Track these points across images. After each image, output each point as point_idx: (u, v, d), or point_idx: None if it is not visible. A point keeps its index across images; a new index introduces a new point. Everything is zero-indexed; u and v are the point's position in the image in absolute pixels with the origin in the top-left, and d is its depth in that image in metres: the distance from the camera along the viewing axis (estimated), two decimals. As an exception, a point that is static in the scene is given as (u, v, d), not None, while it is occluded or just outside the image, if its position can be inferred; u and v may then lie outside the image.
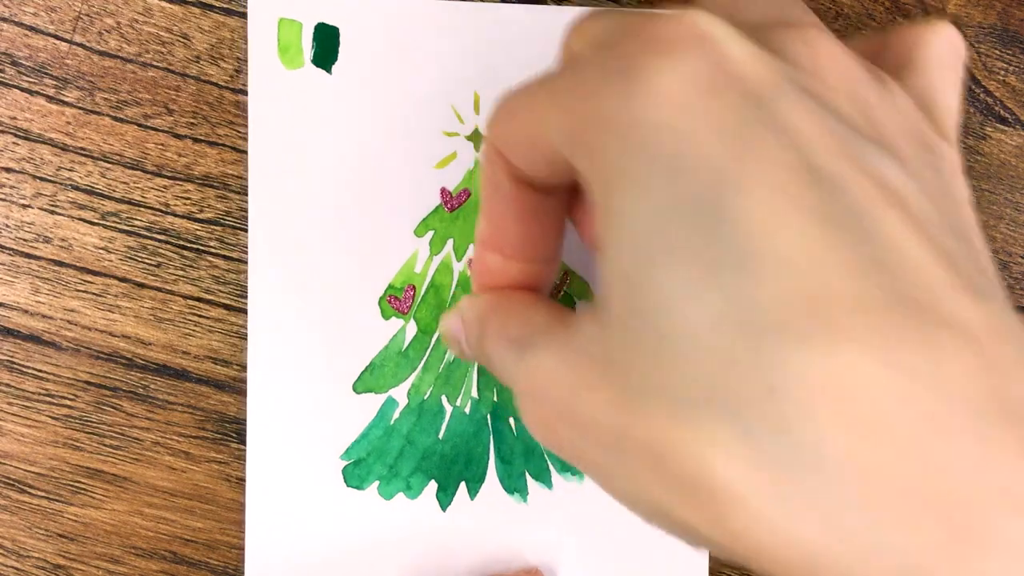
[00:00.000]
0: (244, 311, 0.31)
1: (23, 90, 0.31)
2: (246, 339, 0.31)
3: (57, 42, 0.31)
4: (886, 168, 0.17)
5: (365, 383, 0.31)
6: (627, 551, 0.32)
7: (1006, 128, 0.33)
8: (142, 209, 0.31)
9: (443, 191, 0.31)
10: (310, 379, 0.31)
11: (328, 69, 0.31)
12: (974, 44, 0.33)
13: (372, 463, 0.31)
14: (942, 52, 0.22)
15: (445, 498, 0.32)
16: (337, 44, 0.31)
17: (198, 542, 0.32)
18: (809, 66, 0.18)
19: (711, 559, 0.32)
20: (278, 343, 0.31)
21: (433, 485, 0.32)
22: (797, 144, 0.17)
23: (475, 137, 0.31)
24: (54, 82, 0.31)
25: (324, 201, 0.31)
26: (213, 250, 0.31)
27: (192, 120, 0.31)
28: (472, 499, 0.32)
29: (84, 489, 0.31)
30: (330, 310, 0.31)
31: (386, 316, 0.31)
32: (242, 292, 0.31)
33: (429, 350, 0.32)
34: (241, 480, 0.31)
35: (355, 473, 0.31)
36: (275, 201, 0.31)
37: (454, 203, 0.32)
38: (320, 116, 0.31)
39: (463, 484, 0.32)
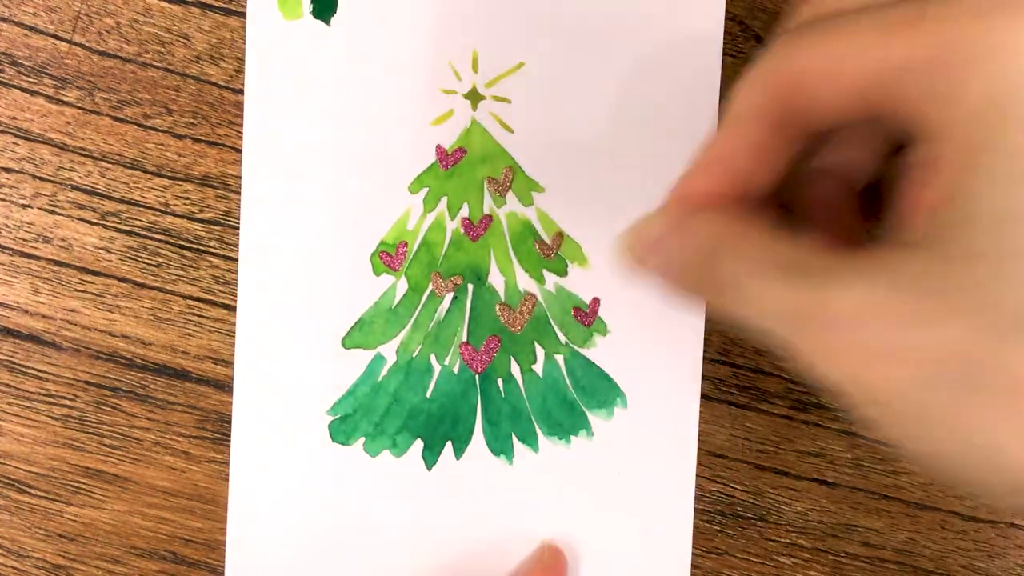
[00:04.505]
0: (244, 311, 0.31)
1: (23, 90, 0.31)
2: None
3: (57, 42, 0.31)
4: None
5: (354, 339, 0.31)
6: (611, 516, 0.32)
7: (1006, 128, 0.33)
8: (142, 209, 0.31)
9: (439, 148, 0.31)
10: (299, 332, 0.31)
11: (327, 21, 0.31)
12: (974, 44, 0.33)
13: (358, 420, 0.31)
14: None
15: (431, 457, 0.32)
16: None
17: (198, 542, 0.32)
18: None
19: (715, 543, 0.32)
20: (268, 294, 0.31)
21: (419, 444, 0.32)
22: None
23: (472, 95, 0.31)
24: (54, 82, 0.31)
25: (318, 154, 0.31)
26: (213, 250, 0.31)
27: (192, 120, 0.31)
28: (458, 459, 0.32)
29: (84, 489, 0.31)
30: (322, 264, 0.31)
31: (377, 272, 0.31)
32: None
33: (419, 308, 0.32)
34: (241, 480, 0.31)
35: (341, 429, 0.31)
36: (269, 151, 0.31)
37: (449, 161, 0.32)
38: (317, 68, 0.31)
39: (449, 444, 0.32)
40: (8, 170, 0.31)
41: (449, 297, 0.32)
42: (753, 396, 0.33)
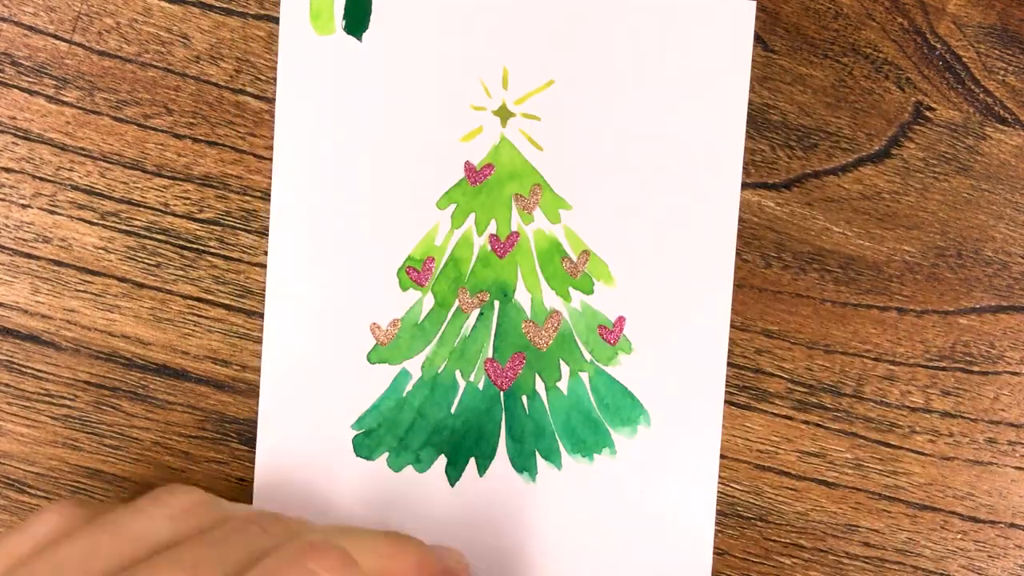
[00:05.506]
0: (244, 311, 0.31)
1: (23, 90, 0.31)
2: (246, 339, 0.31)
3: (57, 42, 0.31)
4: None
5: (379, 354, 0.31)
6: (634, 535, 0.32)
7: (1006, 128, 0.33)
8: (142, 209, 0.31)
9: (467, 165, 0.32)
10: (325, 346, 0.31)
11: (359, 36, 0.31)
12: (974, 44, 0.33)
13: (383, 434, 0.31)
14: None
15: (454, 473, 0.32)
16: (368, 12, 0.31)
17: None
18: None
19: (715, 543, 0.32)
20: (294, 308, 0.31)
21: (442, 459, 0.32)
22: None
23: (502, 112, 0.32)
24: (54, 82, 0.31)
25: (347, 168, 0.31)
26: (213, 250, 0.31)
27: (192, 120, 0.31)
28: (481, 475, 0.32)
29: (84, 489, 0.31)
30: (348, 278, 0.31)
31: (404, 287, 0.31)
32: (242, 292, 0.31)
33: (445, 323, 0.32)
34: (241, 480, 0.31)
35: (365, 443, 0.31)
36: (299, 166, 0.31)
37: (478, 177, 0.32)
38: (349, 83, 0.31)
39: (472, 460, 0.32)
40: (8, 170, 0.31)
41: (475, 313, 0.32)
42: (753, 396, 0.33)
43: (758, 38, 0.32)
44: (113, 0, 0.31)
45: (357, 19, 0.31)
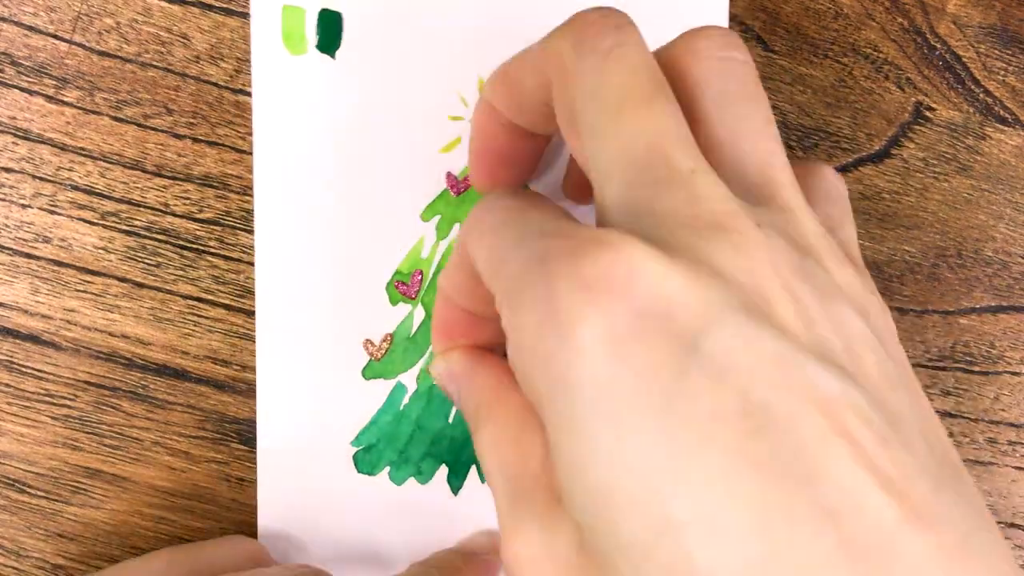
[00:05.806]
0: (244, 311, 0.31)
1: (23, 90, 0.31)
2: (246, 339, 0.31)
3: (56, 42, 0.31)
4: (831, 385, 0.17)
5: (374, 369, 0.31)
6: None
7: (1006, 128, 0.33)
8: (142, 209, 0.31)
9: (449, 175, 0.31)
10: (319, 366, 0.31)
11: (332, 54, 0.31)
12: (974, 44, 0.33)
13: (383, 449, 0.31)
14: (829, 188, 0.23)
15: (456, 482, 0.32)
16: (340, 29, 0.31)
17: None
18: (743, 278, 0.17)
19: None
20: (286, 330, 0.31)
21: (444, 469, 0.32)
22: (736, 386, 0.16)
23: None
24: (53, 82, 0.31)
25: (330, 187, 0.31)
26: (213, 250, 0.31)
27: (192, 120, 0.31)
28: (483, 483, 0.32)
29: (83, 489, 0.31)
30: (338, 295, 0.31)
31: (394, 301, 0.31)
32: (242, 292, 0.31)
33: None
34: (241, 480, 0.31)
35: (366, 459, 0.31)
36: (280, 189, 0.31)
37: (460, 187, 0.32)
38: (325, 102, 0.31)
39: (473, 468, 0.32)
40: (8, 170, 0.31)
41: None
42: (753, 396, 0.33)
43: (758, 38, 0.32)
44: (113, 0, 0.31)
45: (329, 37, 0.31)
